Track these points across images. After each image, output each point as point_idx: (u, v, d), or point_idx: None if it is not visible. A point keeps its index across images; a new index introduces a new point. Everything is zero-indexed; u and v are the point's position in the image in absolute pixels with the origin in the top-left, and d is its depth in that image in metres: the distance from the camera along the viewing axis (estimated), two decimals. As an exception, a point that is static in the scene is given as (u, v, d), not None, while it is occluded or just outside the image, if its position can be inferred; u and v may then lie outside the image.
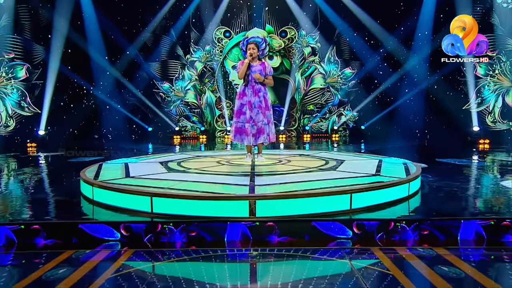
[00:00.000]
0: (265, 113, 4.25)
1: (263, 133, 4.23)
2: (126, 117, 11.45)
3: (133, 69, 11.48)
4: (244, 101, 4.24)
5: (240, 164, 4.40)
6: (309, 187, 2.98)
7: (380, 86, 11.46)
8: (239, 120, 4.27)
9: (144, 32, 11.58)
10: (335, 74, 12.26)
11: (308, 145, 10.06)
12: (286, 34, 12.28)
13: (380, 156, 5.13)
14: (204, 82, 12.33)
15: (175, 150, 7.95)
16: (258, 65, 4.33)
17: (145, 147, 9.17)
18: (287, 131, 12.58)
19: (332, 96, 12.40)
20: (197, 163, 4.58)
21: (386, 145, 8.83)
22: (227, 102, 12.37)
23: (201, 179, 3.40)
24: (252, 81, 4.26)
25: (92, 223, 2.46)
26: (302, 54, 12.32)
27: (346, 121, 12.48)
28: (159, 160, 4.94)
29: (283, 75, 12.32)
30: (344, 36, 11.96)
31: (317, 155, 5.39)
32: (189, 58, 12.19)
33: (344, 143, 10.57)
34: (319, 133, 12.50)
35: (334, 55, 12.19)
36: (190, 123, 12.49)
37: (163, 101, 12.23)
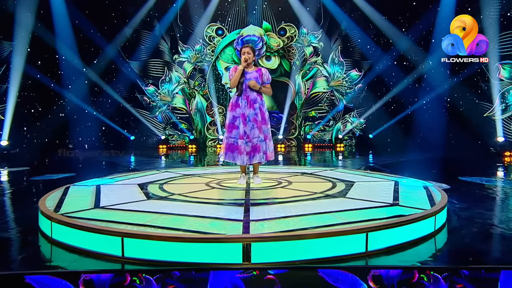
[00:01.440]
0: (262, 127, 4.06)
1: (258, 151, 4.05)
2: (105, 124, 11.28)
3: (112, 71, 11.35)
4: (237, 114, 4.06)
5: (233, 187, 4.14)
6: (316, 222, 2.69)
7: (391, 91, 11.37)
8: (231, 136, 4.08)
9: (125, 29, 11.45)
10: (340, 76, 12.20)
11: (310, 156, 9.93)
12: (285, 32, 12.22)
13: (395, 177, 4.88)
14: (193, 85, 12.21)
15: (159, 165, 7.64)
16: (254, 71, 4.14)
17: (125, 159, 8.83)
18: (286, 140, 12.50)
19: (337, 101, 12.35)
20: (182, 186, 4.31)
21: (398, 157, 8.61)
22: (219, 108, 12.27)
23: (185, 210, 3.11)
24: (246, 90, 4.08)
25: (43, 274, 2.14)
26: (303, 54, 12.27)
27: (352, 129, 12.43)
28: (138, 181, 4.66)
29: (282, 78, 12.26)
30: (350, 35, 11.90)
31: (321, 174, 5.15)
32: (177, 58, 12.11)
33: (350, 154, 10.45)
34: (321, 143, 12.49)
35: (339, 56, 12.15)
36: (177, 131, 12.36)
37: (147, 106, 12.06)
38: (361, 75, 12.09)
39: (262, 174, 4.82)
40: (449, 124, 10.08)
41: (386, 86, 11.51)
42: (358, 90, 12.16)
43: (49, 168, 7.02)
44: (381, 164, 7.29)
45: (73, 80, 10.58)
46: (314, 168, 6.16)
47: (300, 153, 10.74)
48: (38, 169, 6.91)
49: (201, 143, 12.44)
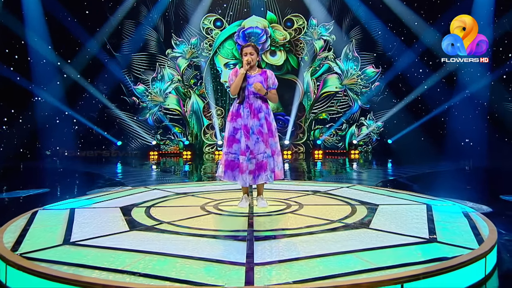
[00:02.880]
0: (268, 141, 3.84)
1: (265, 170, 3.80)
2: (86, 128, 11.23)
3: (95, 68, 11.26)
4: (238, 125, 3.83)
5: (233, 212, 3.85)
6: (336, 267, 2.39)
7: (414, 90, 11.28)
8: (231, 151, 3.85)
9: (111, 20, 11.37)
10: (355, 74, 12.16)
11: (320, 164, 9.77)
12: (293, 23, 12.19)
13: (425, 197, 4.56)
14: (189, 84, 12.06)
15: (148, 178, 7.38)
16: (258, 75, 3.91)
17: (110, 169, 8.56)
18: (293, 146, 12.38)
19: (351, 102, 12.24)
20: (172, 210, 4.02)
21: (423, 167, 8.37)
22: (218, 109, 12.23)
23: (175, 247, 2.80)
24: (249, 97, 3.85)
25: None
26: (313, 48, 12.23)
27: (369, 133, 12.37)
28: (121, 202, 4.36)
29: (289, 76, 12.19)
30: (367, 26, 11.81)
31: (337, 193, 4.84)
32: (170, 53, 12.06)
33: (366, 163, 10.26)
34: (333, 149, 12.45)
35: (353, 50, 12.10)
36: (170, 136, 12.27)
37: (136, 107, 11.89)
38: (379, 72, 11.97)
39: (267, 193, 4.55)
40: (485, 129, 9.84)
41: (408, 85, 11.38)
42: (375, 89, 12.04)
43: (20, 181, 6.71)
44: (405, 178, 6.98)
45: (47, 78, 10.33)
46: (327, 184, 5.88)
47: (309, 161, 10.57)
48: (5, 183, 6.59)
49: (197, 149, 12.34)
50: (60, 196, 4.71)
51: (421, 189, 5.35)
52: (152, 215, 3.76)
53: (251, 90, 3.83)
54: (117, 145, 11.80)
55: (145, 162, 10.51)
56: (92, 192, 5.21)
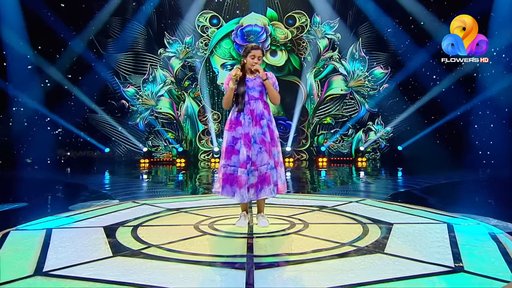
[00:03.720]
0: (271, 150, 3.74)
1: (268, 183, 3.69)
2: (71, 134, 11.12)
3: (81, 68, 11.20)
4: (238, 134, 3.73)
5: (230, 232, 3.69)
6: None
7: (427, 93, 11.22)
8: (230, 163, 3.73)
9: (99, 17, 11.30)
10: (361, 75, 12.12)
11: (325, 173, 9.71)
12: (295, 21, 12.15)
13: (444, 214, 4.38)
14: (183, 86, 12.05)
15: (138, 189, 7.24)
16: (258, 77, 3.82)
17: (97, 179, 8.42)
18: (295, 153, 12.34)
19: (357, 106, 12.15)
20: (163, 230, 3.85)
21: (437, 177, 8.18)
22: (214, 114, 12.18)
23: (163, 278, 2.63)
24: (250, 102, 3.77)
25: None
26: (316, 48, 12.17)
27: (377, 139, 12.32)
28: (105, 220, 4.19)
29: (290, 77, 12.15)
30: (375, 23, 11.78)
31: (345, 210, 4.68)
32: (163, 53, 12.02)
33: (375, 171, 10.19)
34: (339, 156, 12.41)
35: (360, 50, 12.08)
36: (163, 142, 12.21)
37: (126, 111, 11.89)
38: (388, 73, 11.94)
39: (268, 209, 4.42)
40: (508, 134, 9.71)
41: (420, 87, 11.32)
42: (384, 92, 11.97)
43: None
44: (418, 189, 6.79)
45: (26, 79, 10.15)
46: (334, 198, 5.71)
47: (312, 169, 10.47)
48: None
49: (191, 156, 12.25)
50: (38, 212, 4.48)
51: (438, 204, 5.19)
52: (139, 236, 3.59)
53: (251, 95, 3.75)
54: (104, 152, 11.71)
55: (135, 170, 10.37)
56: (75, 207, 5.02)
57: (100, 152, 11.70)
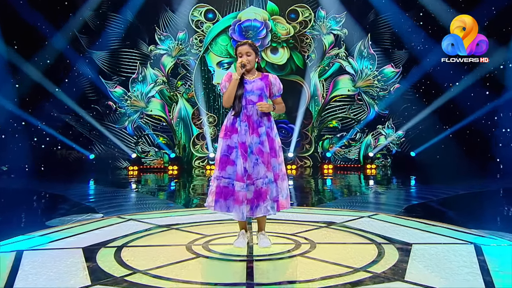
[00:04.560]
0: (270, 162, 3.67)
1: (264, 199, 3.59)
2: (53, 138, 11.01)
3: (62, 67, 11.15)
4: (234, 142, 3.67)
5: (227, 254, 3.57)
6: None
7: (443, 94, 11.19)
8: (225, 175, 3.65)
9: (83, 10, 11.28)
10: (370, 74, 12.11)
11: (330, 181, 9.72)
12: (297, 15, 12.16)
13: (468, 232, 4.23)
14: (175, 86, 12.10)
15: (125, 201, 7.12)
16: (257, 79, 3.76)
17: (80, 190, 8.31)
18: (298, 159, 12.32)
19: (366, 108, 12.19)
20: (150, 252, 3.70)
21: (456, 187, 8.05)
22: (209, 116, 12.21)
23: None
24: (247, 107, 3.70)
25: None
26: (321, 45, 12.18)
27: (387, 144, 12.32)
28: (86, 240, 4.04)
29: (293, 77, 12.15)
30: (386, 17, 11.82)
31: (356, 226, 4.54)
32: (154, 50, 12.00)
33: (385, 179, 10.18)
34: (346, 162, 12.43)
35: (369, 47, 12.09)
36: (153, 148, 12.23)
37: (113, 114, 11.90)
38: (399, 72, 11.93)
39: (270, 225, 4.30)
40: None
41: (436, 87, 11.26)
42: (395, 93, 11.96)
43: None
44: (436, 201, 6.64)
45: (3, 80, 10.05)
46: (343, 212, 5.56)
47: (317, 177, 10.46)
48: None
49: (185, 163, 12.21)
50: (9, 230, 4.32)
51: (460, 218, 5.06)
52: (123, 259, 3.44)
53: (249, 99, 3.67)
54: (89, 159, 11.61)
55: (122, 179, 10.27)
56: (52, 223, 4.89)
57: (84, 159, 11.58)
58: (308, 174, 11.11)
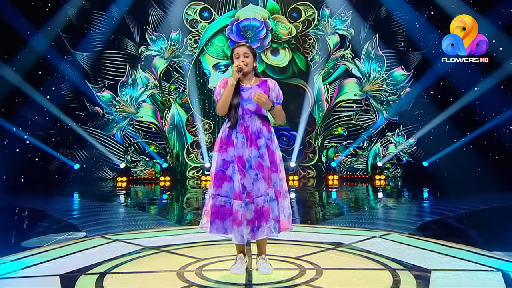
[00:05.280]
0: (271, 177, 3.60)
1: (266, 219, 3.52)
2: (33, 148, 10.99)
3: (44, 70, 11.13)
4: (230, 156, 3.61)
5: (224, 282, 3.48)
6: None
7: (460, 99, 11.17)
8: (221, 192, 3.59)
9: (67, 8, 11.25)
10: (379, 77, 12.10)
11: (336, 194, 9.75)
12: (300, 14, 12.16)
13: (494, 256, 4.11)
14: (168, 91, 12.14)
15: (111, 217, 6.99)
16: (255, 86, 3.72)
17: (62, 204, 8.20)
18: (300, 169, 12.33)
19: (374, 114, 12.19)
20: (137, 280, 3.61)
21: (474, 200, 7.93)
22: (205, 123, 12.21)
23: None
24: (244, 117, 3.65)
25: None
26: (326, 46, 12.18)
27: (397, 153, 12.28)
28: (63, 265, 3.92)
29: (295, 80, 12.13)
30: (396, 16, 11.81)
31: (366, 248, 4.44)
32: (144, 51, 12.02)
33: (395, 191, 10.20)
34: (352, 173, 12.42)
35: (377, 48, 12.08)
36: (144, 157, 12.24)
37: (100, 121, 11.96)
38: (410, 75, 11.91)
39: (271, 247, 4.21)
40: None
41: (451, 91, 11.26)
42: (405, 98, 11.94)
43: None
44: (453, 218, 6.53)
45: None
46: (351, 231, 5.47)
47: (321, 189, 10.43)
48: None
49: (178, 173, 12.17)
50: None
51: (481, 238, 4.98)
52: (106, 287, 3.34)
53: (246, 108, 3.61)
54: (73, 170, 11.55)
55: (110, 191, 10.20)
56: (29, 243, 4.80)
57: (68, 169, 11.52)
58: (312, 185, 11.08)
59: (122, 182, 11.47)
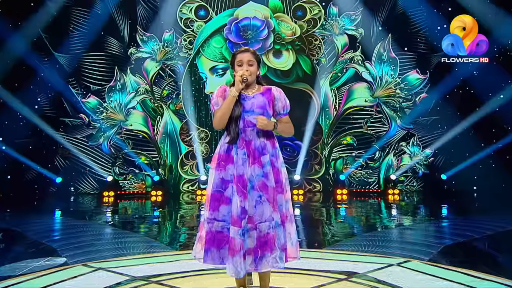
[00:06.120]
0: (276, 199, 3.52)
1: (271, 249, 3.43)
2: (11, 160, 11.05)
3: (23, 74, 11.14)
4: (229, 175, 3.54)
5: None
6: None
7: (484, 105, 11.17)
8: (218, 217, 3.52)
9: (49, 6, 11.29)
10: (392, 82, 12.07)
11: (345, 210, 9.75)
12: (305, 13, 12.16)
13: None
14: (160, 96, 12.13)
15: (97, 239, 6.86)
16: (258, 94, 3.64)
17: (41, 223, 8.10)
18: (306, 182, 12.30)
19: (387, 121, 12.17)
20: None
21: (503, 219, 7.84)
22: (201, 131, 12.20)
23: None
24: (245, 130, 3.57)
25: None
26: (333, 47, 12.18)
27: (413, 165, 12.22)
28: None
29: (299, 85, 12.11)
30: (411, 14, 11.79)
31: (384, 279, 4.31)
32: (134, 53, 12.01)
33: (410, 208, 10.17)
34: (363, 187, 12.35)
35: (390, 49, 12.04)
36: (133, 169, 12.26)
37: (85, 129, 11.95)
38: (426, 79, 11.86)
39: (275, 277, 4.06)
40: None
41: (473, 97, 11.24)
42: (421, 103, 11.88)
43: None
44: (480, 240, 6.39)
45: None
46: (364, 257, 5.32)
47: (328, 205, 10.39)
48: None
49: (171, 187, 12.15)
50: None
51: None
52: None
53: (248, 120, 3.53)
54: (55, 183, 11.49)
55: (95, 208, 10.11)
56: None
57: (49, 184, 11.46)
58: (318, 200, 11.03)
59: (109, 197, 11.37)
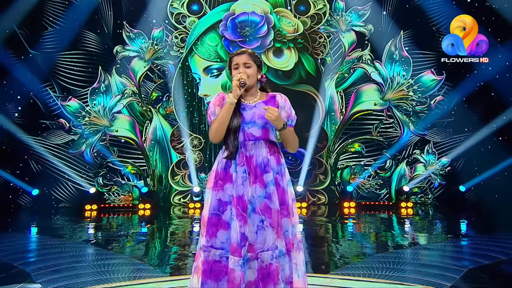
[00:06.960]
0: (280, 224, 3.49)
1: (274, 282, 3.38)
2: None
3: None
4: (227, 196, 3.52)
5: None
6: None
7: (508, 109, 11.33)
8: (215, 244, 3.50)
9: None
10: (404, 83, 12.05)
11: (353, 225, 9.80)
12: (308, 7, 12.15)
13: None
14: (149, 99, 12.11)
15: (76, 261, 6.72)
16: (261, 103, 3.61)
17: (13, 242, 8.06)
18: (309, 194, 12.25)
19: (398, 127, 12.13)
20: None
21: None
22: (194, 138, 12.13)
23: None
24: (246, 144, 3.55)
25: None
26: (340, 45, 12.19)
27: (428, 175, 12.19)
28: None
29: (302, 87, 12.08)
30: (426, 9, 11.78)
31: None
32: (120, 51, 12.00)
33: (425, 223, 10.20)
34: (373, 200, 12.28)
35: (402, 47, 12.01)
36: (119, 180, 12.17)
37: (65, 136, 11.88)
38: (442, 80, 11.82)
39: None
40: None
41: (495, 101, 11.34)
42: (436, 107, 11.84)
43: None
44: (508, 262, 6.28)
45: None
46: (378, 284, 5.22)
47: (335, 219, 10.33)
48: None
49: (161, 199, 12.12)
50: None
51: None
52: None
53: (249, 133, 3.51)
54: (31, 196, 11.44)
55: (76, 224, 10.02)
56: None
57: (25, 196, 11.45)
58: (323, 214, 10.97)
59: (92, 211, 11.29)
